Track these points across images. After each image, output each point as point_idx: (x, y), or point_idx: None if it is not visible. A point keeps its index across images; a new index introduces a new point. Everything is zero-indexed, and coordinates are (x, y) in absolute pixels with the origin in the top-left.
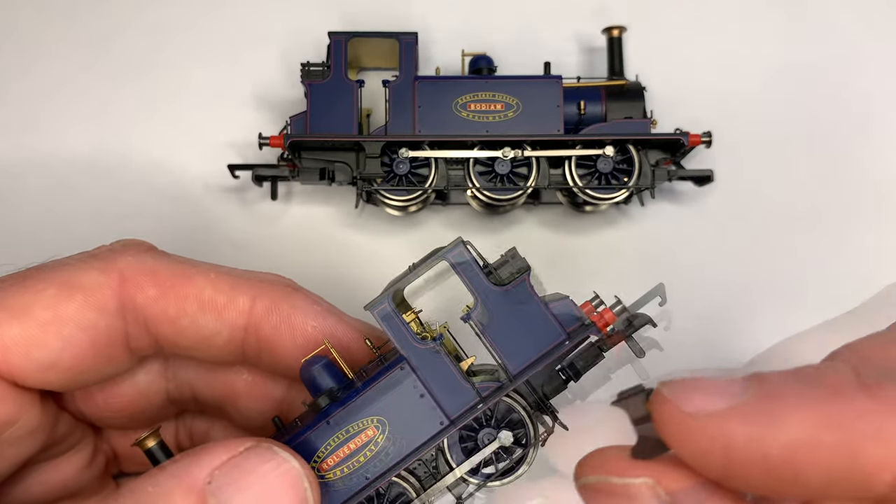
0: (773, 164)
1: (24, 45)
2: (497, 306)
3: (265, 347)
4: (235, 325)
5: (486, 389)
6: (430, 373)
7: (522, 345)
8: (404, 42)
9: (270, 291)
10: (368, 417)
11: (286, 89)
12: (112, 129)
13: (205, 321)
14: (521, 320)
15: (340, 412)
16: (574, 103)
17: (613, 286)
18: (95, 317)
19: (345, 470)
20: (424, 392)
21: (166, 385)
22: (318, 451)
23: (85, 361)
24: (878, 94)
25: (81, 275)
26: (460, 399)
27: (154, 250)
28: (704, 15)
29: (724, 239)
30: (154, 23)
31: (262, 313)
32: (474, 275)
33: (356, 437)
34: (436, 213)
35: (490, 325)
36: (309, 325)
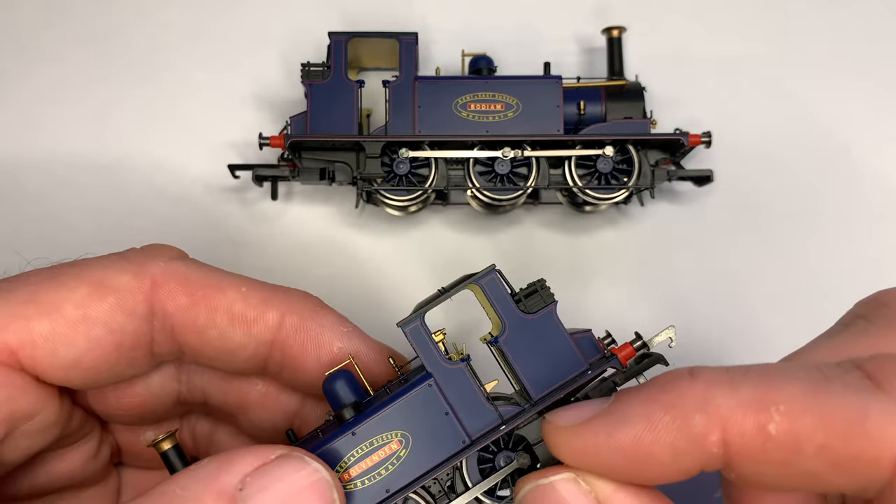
0: (773, 164)
1: (24, 45)
2: (523, 334)
3: (288, 363)
4: (262, 339)
5: (508, 413)
6: (455, 392)
7: (545, 372)
8: (404, 42)
9: (300, 309)
10: (393, 431)
11: (286, 89)
12: (112, 129)
13: (233, 334)
14: (546, 349)
15: (366, 424)
16: (574, 103)
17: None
18: (124, 320)
19: (366, 482)
20: (449, 411)
21: (178, 387)
22: (342, 460)
23: (107, 363)
24: (878, 94)
25: (115, 276)
26: (482, 420)
27: (186, 258)
28: (704, 15)
29: (724, 239)
30: (154, 23)
31: (291, 331)
32: (505, 302)
33: (380, 450)
34: (436, 213)
35: (515, 351)
36: (335, 345)
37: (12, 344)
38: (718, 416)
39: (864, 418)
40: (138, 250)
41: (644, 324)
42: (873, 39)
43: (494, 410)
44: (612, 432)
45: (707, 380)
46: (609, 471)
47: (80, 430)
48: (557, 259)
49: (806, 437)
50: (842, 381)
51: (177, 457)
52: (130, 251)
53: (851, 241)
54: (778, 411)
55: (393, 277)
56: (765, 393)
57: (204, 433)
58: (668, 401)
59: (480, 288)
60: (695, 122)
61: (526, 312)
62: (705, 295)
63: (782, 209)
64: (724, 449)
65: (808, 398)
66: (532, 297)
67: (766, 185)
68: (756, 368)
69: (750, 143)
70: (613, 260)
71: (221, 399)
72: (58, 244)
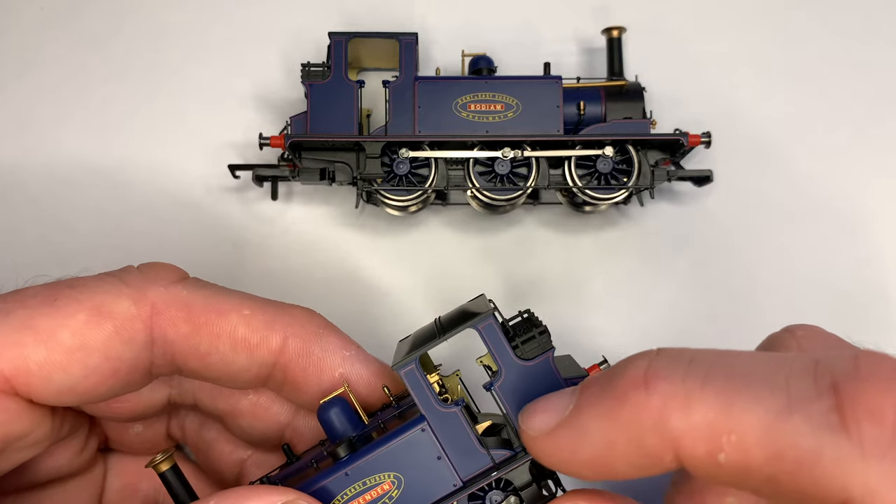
0: (773, 164)
1: (24, 45)
2: (519, 379)
3: (289, 384)
4: (265, 363)
5: (500, 457)
6: (448, 435)
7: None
8: (404, 42)
9: (303, 332)
10: (386, 473)
11: (286, 89)
12: (112, 129)
13: (235, 358)
14: (540, 395)
15: (359, 464)
16: (574, 104)
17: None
18: (123, 349)
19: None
20: (441, 454)
21: (169, 392)
22: (336, 498)
23: (104, 386)
24: (878, 94)
25: (113, 302)
26: (475, 463)
27: (187, 279)
28: (704, 15)
29: (724, 239)
30: (154, 23)
31: (293, 355)
32: (501, 348)
33: (372, 490)
34: (436, 213)
35: (510, 396)
36: (337, 371)
37: (7, 371)
38: (671, 440)
39: (816, 462)
40: (137, 271)
41: (644, 324)
42: (873, 40)
43: (487, 454)
44: (576, 449)
45: (663, 395)
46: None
47: (70, 430)
48: (557, 259)
49: (755, 469)
50: (805, 414)
51: (176, 479)
52: (129, 271)
53: (851, 241)
54: (729, 442)
55: (393, 277)
56: (718, 417)
57: (193, 426)
58: (624, 419)
59: (478, 332)
60: (695, 122)
61: (522, 359)
62: (705, 295)
63: (782, 209)
64: (679, 463)
65: (762, 432)
66: (530, 342)
67: (766, 185)
68: (718, 378)
69: (750, 143)
70: (613, 260)
71: (211, 405)
72: (58, 245)
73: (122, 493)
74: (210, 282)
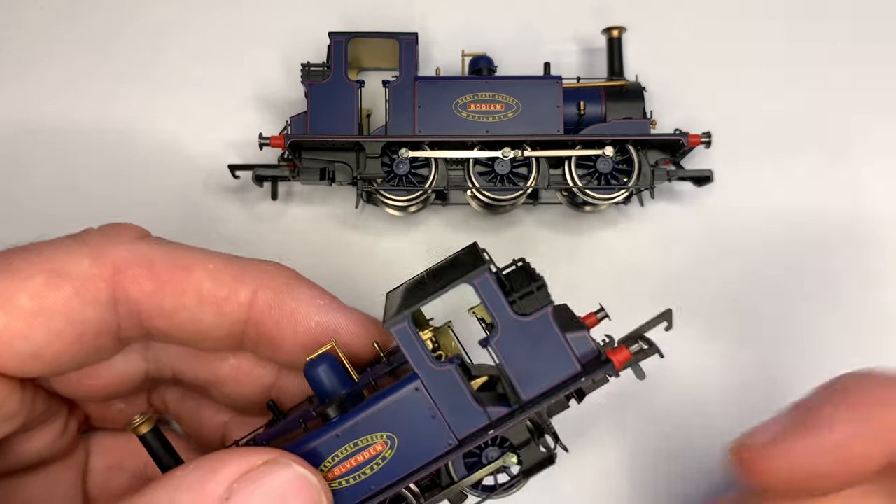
0: (773, 164)
1: (24, 44)
2: (517, 335)
3: (264, 340)
4: (235, 318)
5: (496, 413)
6: (443, 394)
7: (538, 374)
8: (404, 42)
9: (273, 284)
10: (378, 433)
11: (286, 89)
12: (113, 128)
13: (203, 315)
14: (539, 350)
15: (350, 424)
16: (574, 104)
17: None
18: (85, 309)
19: (350, 480)
20: (436, 413)
21: (146, 367)
22: (326, 460)
23: (70, 353)
24: (878, 94)
25: (72, 263)
26: (471, 422)
27: (148, 237)
28: (704, 15)
29: (724, 239)
30: (154, 23)
31: (264, 308)
32: (498, 303)
33: (365, 451)
34: (436, 213)
35: (507, 352)
36: (312, 320)
37: None
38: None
39: None
40: (97, 231)
41: None
42: (873, 39)
43: (483, 412)
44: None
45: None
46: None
47: (46, 412)
48: (557, 259)
49: None
50: None
51: (157, 441)
52: (88, 232)
53: (851, 241)
54: None
55: (393, 277)
56: None
57: (175, 397)
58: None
59: (473, 288)
60: (695, 122)
61: (520, 314)
62: (705, 295)
63: (782, 209)
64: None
65: None
66: (527, 297)
67: (766, 185)
68: None
69: (750, 143)
70: (613, 260)
71: (192, 375)
72: None
73: (108, 472)
74: (173, 241)
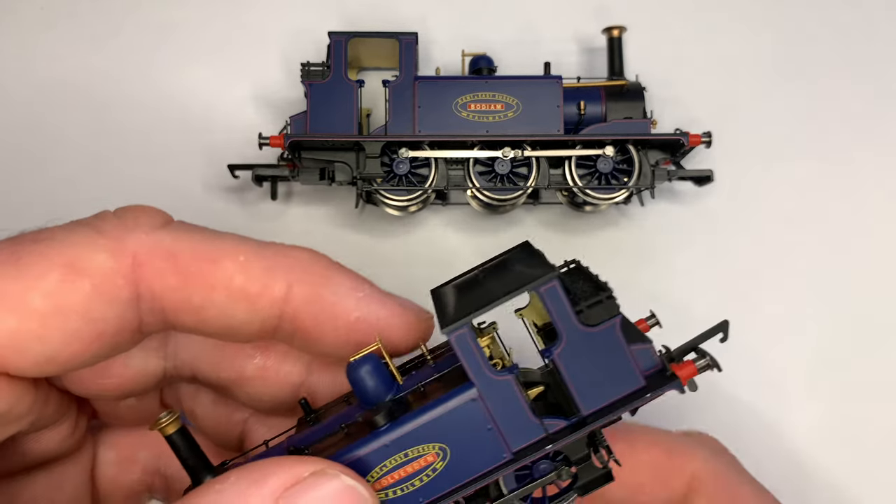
0: (773, 164)
1: (24, 44)
2: (581, 347)
3: (300, 335)
4: (269, 314)
5: (553, 427)
6: (499, 404)
7: (600, 388)
8: (404, 42)
9: (308, 276)
10: (430, 444)
11: (286, 89)
12: (112, 128)
13: (234, 311)
14: (603, 363)
15: (400, 434)
16: (574, 103)
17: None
18: (105, 308)
19: (398, 492)
20: (492, 425)
21: (164, 365)
22: (374, 469)
23: (88, 352)
24: (878, 93)
25: (88, 256)
26: (527, 435)
27: (171, 224)
28: (704, 15)
29: (724, 239)
30: (154, 23)
31: (301, 303)
32: (565, 312)
33: (415, 462)
34: (436, 213)
35: (570, 365)
36: (352, 315)
37: None
38: None
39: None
40: (113, 217)
41: None
42: (873, 39)
43: (540, 425)
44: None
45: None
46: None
47: (56, 412)
48: (557, 259)
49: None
50: None
51: (183, 441)
52: (104, 218)
53: (851, 241)
54: None
55: (393, 278)
56: None
57: (189, 393)
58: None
59: (539, 296)
60: (695, 122)
61: (586, 325)
62: (705, 294)
63: (782, 209)
64: None
65: None
66: (595, 307)
67: (766, 185)
68: None
69: (750, 143)
70: (614, 260)
71: (214, 375)
72: None
73: (118, 465)
74: (199, 225)
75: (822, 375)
